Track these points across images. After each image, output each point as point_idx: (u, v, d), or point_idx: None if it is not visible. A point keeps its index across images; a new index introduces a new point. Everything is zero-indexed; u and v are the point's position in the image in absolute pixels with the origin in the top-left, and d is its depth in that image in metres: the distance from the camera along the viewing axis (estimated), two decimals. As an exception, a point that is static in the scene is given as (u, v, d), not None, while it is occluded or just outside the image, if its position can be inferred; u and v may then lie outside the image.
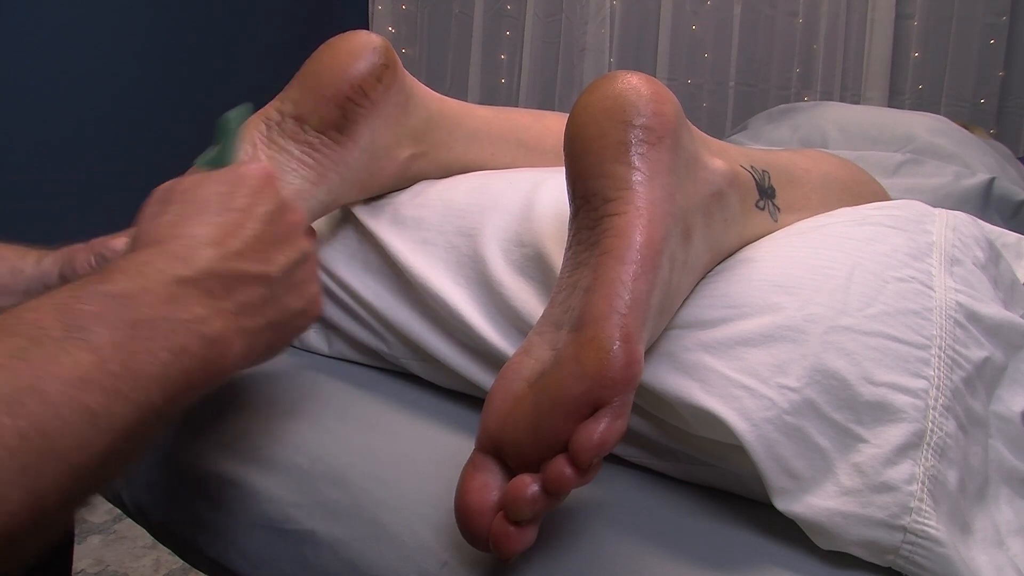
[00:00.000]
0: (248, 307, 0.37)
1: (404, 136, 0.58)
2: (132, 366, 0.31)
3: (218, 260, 0.36)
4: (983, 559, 0.39)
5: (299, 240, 0.42)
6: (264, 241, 0.39)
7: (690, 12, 2.14)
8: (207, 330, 0.34)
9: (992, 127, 1.87)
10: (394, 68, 0.55)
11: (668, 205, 0.39)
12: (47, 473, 0.27)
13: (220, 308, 0.36)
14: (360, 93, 0.53)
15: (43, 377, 0.28)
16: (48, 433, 0.27)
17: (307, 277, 0.43)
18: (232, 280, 0.37)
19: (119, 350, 0.30)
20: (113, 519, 1.43)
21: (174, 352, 0.32)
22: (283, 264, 0.40)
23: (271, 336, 0.40)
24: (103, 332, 0.30)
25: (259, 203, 0.40)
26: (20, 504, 0.27)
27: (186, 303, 0.34)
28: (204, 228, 0.37)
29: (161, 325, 0.32)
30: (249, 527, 0.47)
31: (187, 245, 0.36)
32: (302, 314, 0.42)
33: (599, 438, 0.34)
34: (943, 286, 0.46)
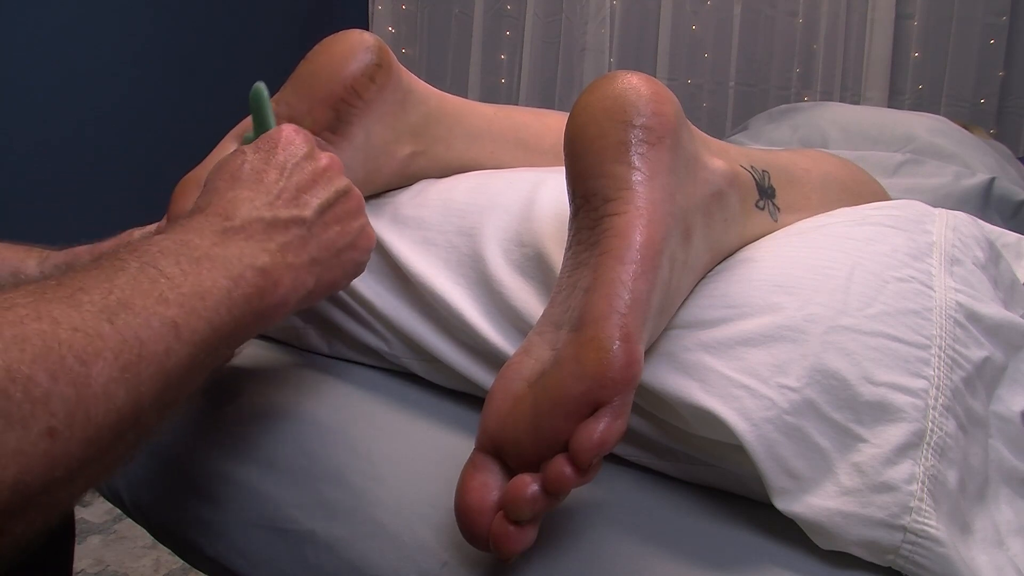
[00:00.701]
0: (289, 246, 0.42)
1: (403, 133, 0.58)
2: (200, 289, 0.35)
3: (254, 211, 0.41)
4: (983, 559, 0.39)
5: (331, 181, 0.46)
6: (293, 189, 0.44)
7: (690, 12, 2.14)
8: (256, 262, 0.39)
9: (992, 127, 1.87)
10: (388, 67, 0.55)
11: (668, 205, 0.39)
12: (144, 375, 0.31)
13: (264, 247, 0.40)
14: (353, 94, 0.53)
15: (130, 295, 0.32)
16: (142, 339, 0.32)
17: (347, 212, 0.46)
18: (270, 225, 0.41)
19: (187, 276, 0.35)
20: (113, 519, 1.43)
21: (232, 279, 0.37)
22: (317, 205, 0.44)
23: (319, 270, 0.44)
24: (171, 264, 0.35)
25: (287, 158, 0.45)
26: (124, 400, 0.30)
27: (235, 244, 0.39)
28: (236, 191, 0.42)
29: (218, 260, 0.37)
30: (249, 527, 0.47)
31: (224, 205, 0.41)
32: (351, 247, 0.46)
33: (599, 438, 0.34)
34: (943, 286, 0.46)
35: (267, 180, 0.43)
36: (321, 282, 0.44)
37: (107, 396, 0.30)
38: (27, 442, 0.27)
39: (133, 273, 0.34)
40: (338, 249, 0.45)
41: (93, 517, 1.43)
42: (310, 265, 0.43)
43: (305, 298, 0.43)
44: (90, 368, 0.29)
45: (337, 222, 0.45)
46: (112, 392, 0.30)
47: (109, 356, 0.30)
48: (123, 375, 0.30)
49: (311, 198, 0.44)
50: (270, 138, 0.46)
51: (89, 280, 0.32)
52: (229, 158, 0.45)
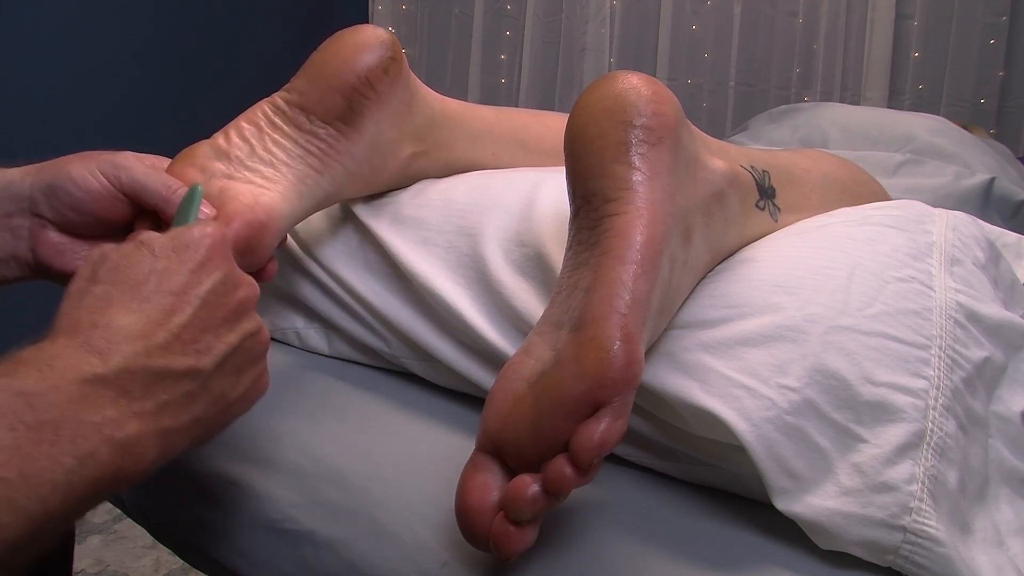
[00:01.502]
0: (171, 405, 0.34)
1: (407, 133, 0.58)
2: (30, 473, 0.28)
3: (139, 356, 0.33)
4: (983, 559, 0.39)
5: (243, 320, 0.38)
6: (200, 328, 0.36)
7: (690, 12, 2.14)
8: (119, 434, 0.31)
9: (992, 127, 1.87)
10: (400, 62, 0.55)
11: (668, 205, 0.39)
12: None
13: (137, 409, 0.32)
14: (367, 85, 0.53)
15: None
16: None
17: (249, 361, 0.39)
18: (154, 378, 0.33)
19: (16, 454, 0.28)
20: (113, 519, 1.43)
21: (80, 458, 0.29)
22: (221, 352, 0.36)
23: (199, 431, 0.36)
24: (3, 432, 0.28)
25: (200, 280, 0.36)
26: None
27: (98, 404, 0.31)
28: (128, 317, 0.34)
29: (68, 428, 0.29)
30: (249, 527, 0.47)
31: (105, 337, 0.33)
32: (240, 399, 0.39)
33: (599, 438, 0.34)
34: (943, 286, 0.46)
35: (170, 307, 0.35)
36: (197, 441, 0.37)
37: None
38: None
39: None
40: (228, 403, 0.38)
41: (93, 517, 1.43)
42: (190, 427, 0.35)
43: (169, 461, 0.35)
44: None
45: (236, 371, 0.38)
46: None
47: None
48: None
49: (216, 341, 0.36)
50: (190, 241, 0.37)
51: None
52: (134, 253, 0.36)
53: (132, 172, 0.47)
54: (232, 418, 0.39)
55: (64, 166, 0.49)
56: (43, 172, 0.50)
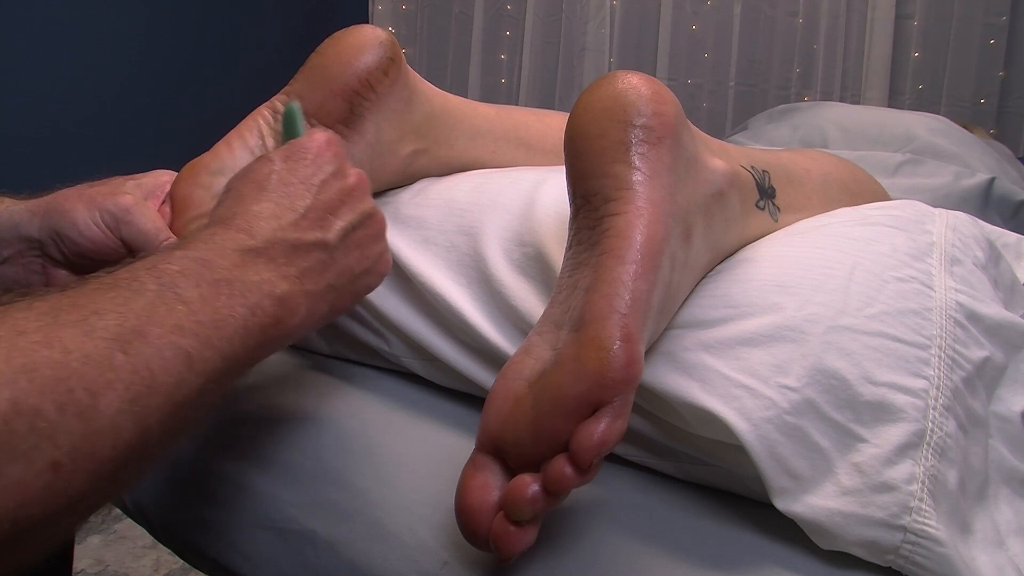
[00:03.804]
0: (310, 271, 0.40)
1: (407, 131, 0.58)
2: (217, 318, 0.34)
3: (277, 231, 0.40)
4: (983, 559, 0.39)
5: (358, 203, 0.44)
6: (320, 209, 0.42)
7: (690, 12, 2.14)
8: (275, 291, 0.38)
9: (992, 127, 1.88)
10: (399, 62, 0.55)
11: (668, 205, 0.39)
12: (152, 406, 0.30)
13: (284, 273, 0.39)
14: (367, 87, 0.53)
15: (146, 322, 0.31)
16: (153, 370, 0.31)
17: (370, 238, 0.45)
18: (292, 248, 0.40)
19: (205, 304, 0.34)
20: (113, 519, 1.43)
21: (250, 308, 0.36)
22: (341, 228, 0.42)
23: (334, 297, 0.42)
24: (191, 288, 0.34)
25: (315, 173, 0.43)
26: (131, 432, 0.30)
27: (255, 268, 0.38)
28: (262, 204, 0.40)
29: (237, 285, 0.36)
30: (249, 527, 0.47)
31: (247, 220, 0.39)
32: (367, 273, 0.45)
33: (599, 438, 0.34)
34: (943, 286, 0.46)
35: (293, 195, 0.41)
36: (334, 308, 0.43)
37: (114, 429, 0.29)
38: (30, 475, 0.26)
39: (151, 298, 0.32)
40: (356, 275, 0.44)
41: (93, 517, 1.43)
42: (326, 292, 0.42)
43: (318, 323, 0.42)
44: (99, 400, 0.28)
45: (358, 247, 0.44)
46: (119, 424, 0.29)
47: (119, 387, 0.29)
48: (132, 407, 0.30)
49: (337, 220, 0.42)
50: (301, 147, 0.44)
51: (105, 303, 0.31)
52: (257, 164, 0.43)
53: (132, 226, 0.48)
54: (362, 290, 0.45)
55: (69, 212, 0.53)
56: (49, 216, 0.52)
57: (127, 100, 1.96)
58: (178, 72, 2.07)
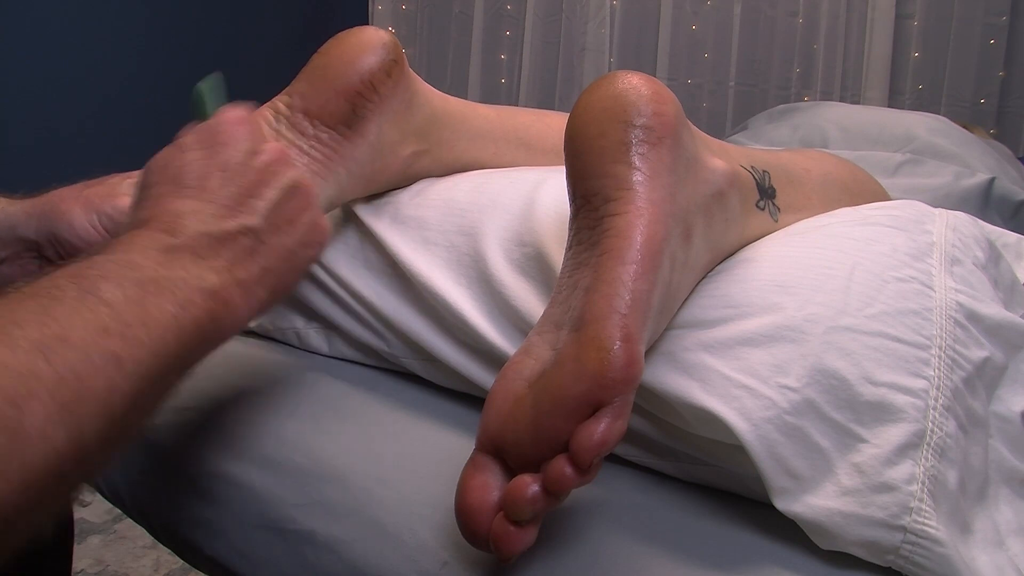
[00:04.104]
0: (238, 260, 0.39)
1: (408, 133, 0.58)
2: (145, 318, 0.33)
3: (199, 225, 0.39)
4: (983, 559, 0.39)
5: (278, 178, 0.43)
6: (239, 193, 0.41)
7: (690, 12, 2.14)
8: (204, 284, 0.37)
9: (992, 127, 1.88)
10: (402, 64, 0.55)
11: (669, 205, 0.39)
12: (85, 413, 0.30)
13: (212, 265, 0.38)
14: (370, 87, 0.53)
15: (68, 328, 0.30)
16: (81, 376, 0.30)
17: (297, 209, 0.44)
18: (216, 240, 0.39)
19: (131, 304, 0.33)
20: (113, 519, 1.43)
21: (180, 304, 0.35)
22: (264, 208, 0.42)
23: (272, 280, 0.42)
24: (114, 290, 0.33)
25: (231, 156, 0.42)
26: (65, 442, 0.29)
27: (180, 264, 0.37)
28: (180, 201, 0.39)
29: (164, 283, 0.35)
30: (249, 527, 0.47)
31: (168, 220, 0.38)
32: (303, 245, 0.44)
33: (599, 438, 0.34)
34: (943, 286, 0.46)
35: (211, 186, 0.40)
36: (275, 291, 0.42)
37: (43, 438, 0.28)
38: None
39: (71, 303, 0.31)
40: (291, 251, 0.43)
41: (93, 517, 1.43)
42: (262, 276, 0.41)
43: (259, 311, 0.41)
44: (23, 411, 0.27)
45: (287, 223, 0.43)
46: (49, 434, 0.28)
47: (44, 396, 0.28)
48: (61, 416, 0.29)
49: (257, 201, 0.41)
50: (212, 130, 0.43)
51: (23, 312, 0.30)
52: (169, 155, 0.42)
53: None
54: (302, 264, 0.44)
55: (66, 214, 0.53)
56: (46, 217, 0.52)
57: (127, 100, 1.96)
58: (178, 72, 2.07)
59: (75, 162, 1.88)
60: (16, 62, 1.72)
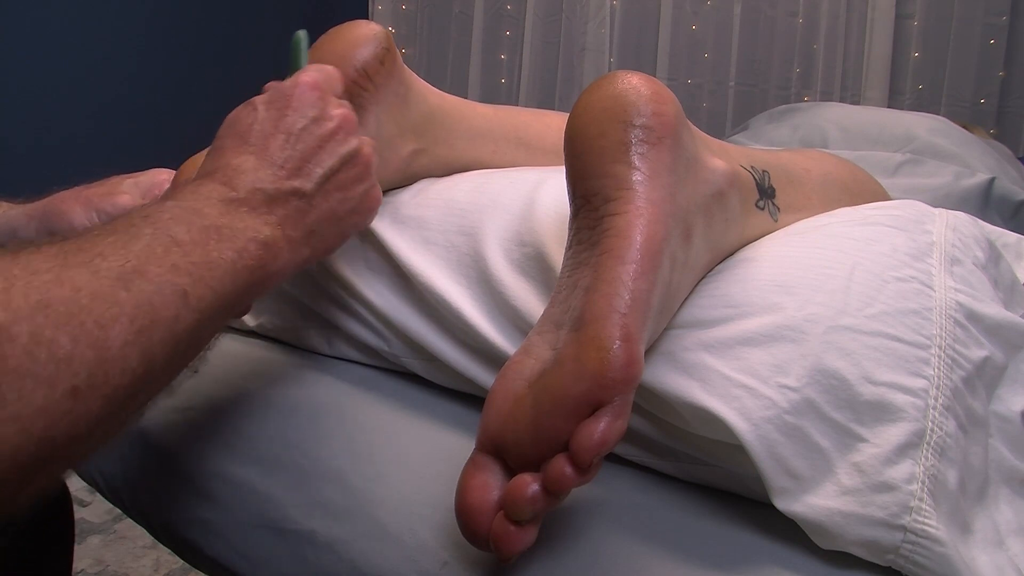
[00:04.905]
0: (289, 218, 0.43)
1: (406, 129, 0.58)
2: (208, 259, 0.37)
3: (256, 183, 0.42)
4: (983, 559, 0.39)
5: (339, 146, 0.46)
6: (299, 157, 0.44)
7: (690, 12, 2.14)
8: (259, 235, 0.40)
9: (992, 127, 1.88)
10: (394, 54, 0.56)
11: (668, 205, 0.39)
12: (155, 338, 0.33)
13: (266, 220, 0.41)
14: (365, 77, 0.53)
15: (145, 263, 0.34)
16: (154, 306, 0.33)
17: (352, 179, 0.46)
18: (270, 198, 0.42)
19: (197, 246, 0.37)
20: (113, 519, 1.43)
21: (237, 251, 0.38)
22: (319, 175, 0.44)
23: (316, 240, 0.45)
24: (183, 232, 0.37)
25: (296, 120, 0.45)
26: (138, 362, 0.32)
27: (238, 216, 0.40)
28: (240, 158, 0.43)
29: (225, 231, 0.39)
30: (249, 527, 0.47)
31: (227, 175, 0.42)
32: (353, 212, 0.47)
33: (599, 437, 0.34)
34: (943, 286, 0.46)
35: (273, 146, 0.43)
36: (317, 250, 0.45)
37: (123, 358, 0.31)
38: (52, 400, 0.29)
39: (147, 241, 0.35)
40: (339, 217, 0.46)
41: (93, 517, 1.43)
42: (308, 237, 0.44)
43: (301, 266, 0.44)
44: (108, 332, 0.31)
45: (339, 190, 0.46)
46: (127, 354, 0.32)
47: (125, 321, 0.32)
48: (137, 339, 0.32)
49: (314, 167, 0.44)
50: (283, 93, 0.46)
51: (107, 247, 0.34)
52: (240, 113, 0.45)
53: None
54: (349, 229, 0.48)
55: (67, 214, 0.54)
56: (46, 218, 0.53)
57: (127, 100, 1.96)
58: (178, 72, 2.07)
59: (75, 162, 1.88)
60: (16, 62, 1.72)
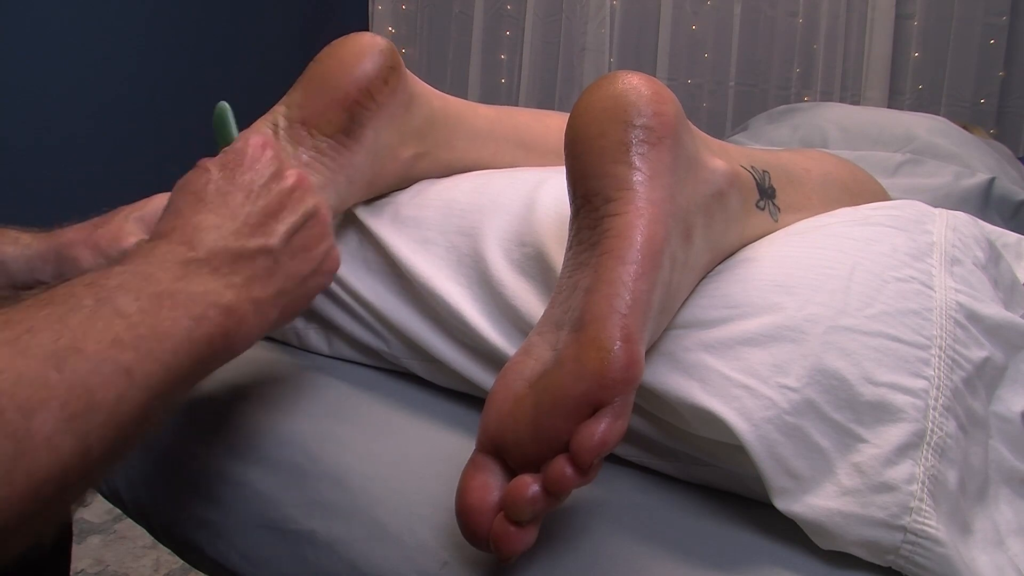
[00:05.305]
0: (256, 278, 0.40)
1: (407, 136, 0.58)
2: (159, 330, 0.33)
3: (219, 240, 0.39)
4: (983, 559, 0.39)
5: (299, 204, 0.44)
6: (261, 214, 0.42)
7: (690, 12, 2.14)
8: (221, 300, 0.37)
9: (992, 127, 1.88)
10: (399, 70, 0.55)
11: (669, 205, 0.39)
12: (93, 424, 0.30)
13: (230, 282, 0.38)
14: (367, 96, 0.53)
15: (82, 338, 0.31)
16: (91, 387, 0.30)
17: (314, 238, 0.45)
18: (236, 256, 0.39)
19: (145, 316, 0.33)
20: (113, 519, 1.43)
21: (194, 319, 0.35)
22: (284, 232, 0.42)
23: (285, 301, 0.42)
24: (130, 302, 0.33)
25: (254, 178, 0.43)
26: (71, 452, 0.29)
27: (198, 279, 0.37)
28: (201, 216, 0.40)
29: (180, 297, 0.35)
30: (249, 527, 0.47)
31: (187, 233, 0.39)
32: (316, 273, 0.45)
33: (600, 438, 0.34)
34: (943, 286, 0.46)
35: (233, 204, 0.41)
36: (284, 312, 0.43)
37: (50, 448, 0.28)
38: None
39: (87, 313, 0.32)
40: (304, 277, 0.44)
41: (93, 517, 1.43)
42: (275, 298, 0.41)
43: (267, 330, 0.42)
44: (32, 420, 0.28)
45: (303, 249, 0.44)
46: (56, 443, 0.28)
47: (55, 406, 0.29)
48: (70, 425, 0.29)
49: (278, 224, 0.42)
50: (236, 152, 0.44)
51: (39, 320, 0.30)
52: (192, 176, 0.43)
53: None
54: (313, 290, 0.45)
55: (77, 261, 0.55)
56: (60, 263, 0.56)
57: (127, 100, 1.96)
58: (178, 72, 2.07)
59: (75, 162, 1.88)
60: (16, 62, 1.72)
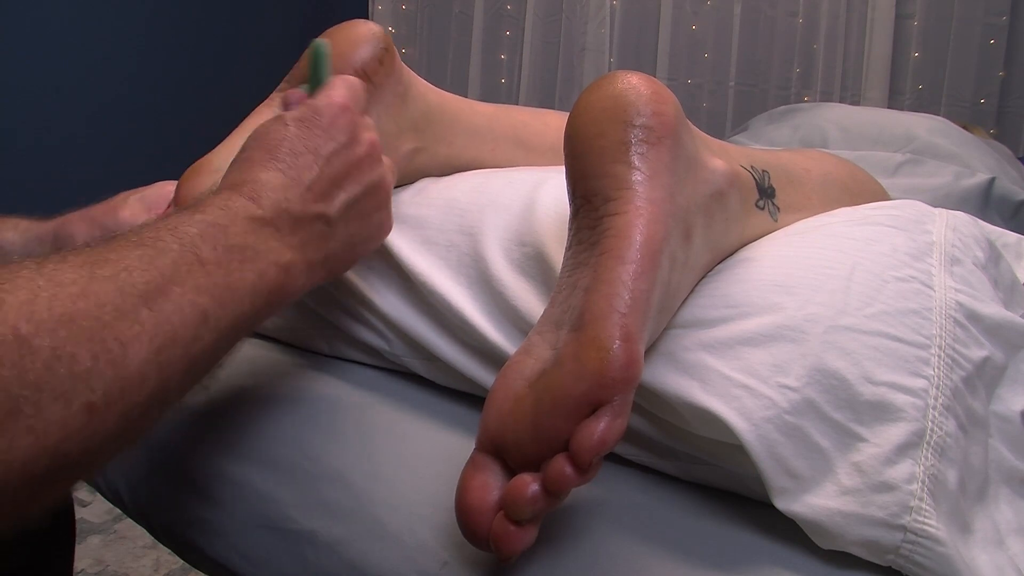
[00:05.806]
0: (310, 242, 0.43)
1: (405, 127, 0.58)
2: (230, 281, 0.37)
3: (282, 202, 0.41)
4: (983, 558, 0.39)
5: (365, 174, 0.46)
6: (325, 182, 0.44)
7: (690, 12, 2.14)
8: (281, 259, 0.40)
9: (992, 127, 1.88)
10: (393, 53, 0.56)
11: (668, 205, 0.39)
12: (173, 358, 0.34)
13: (288, 243, 0.41)
14: (365, 77, 0.53)
15: (169, 280, 0.34)
16: (174, 326, 0.34)
17: (373, 207, 0.47)
18: (295, 220, 0.42)
19: (220, 267, 0.37)
20: (113, 519, 1.43)
21: (258, 274, 0.39)
22: (343, 201, 0.44)
23: (332, 263, 0.45)
24: (208, 250, 0.37)
25: (326, 143, 0.44)
26: (154, 381, 0.33)
27: (263, 236, 0.40)
28: (268, 173, 0.42)
29: (248, 252, 0.39)
30: (249, 527, 0.47)
31: (256, 189, 0.41)
32: (367, 240, 0.48)
33: (599, 437, 0.34)
34: (943, 286, 0.46)
35: (301, 165, 0.43)
36: (331, 272, 0.46)
37: (140, 376, 0.32)
38: (68, 415, 0.29)
39: (173, 257, 0.35)
40: (353, 244, 0.46)
41: (93, 517, 1.43)
42: (325, 261, 0.44)
43: (312, 287, 0.44)
44: (128, 351, 0.31)
45: (359, 217, 0.46)
46: (145, 373, 0.32)
47: (145, 340, 0.32)
48: (156, 358, 0.33)
49: (340, 192, 0.44)
50: (316, 111, 0.45)
51: (133, 260, 0.34)
52: (270, 126, 0.44)
53: None
54: (361, 253, 0.48)
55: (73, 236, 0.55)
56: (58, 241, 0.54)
57: (127, 100, 1.96)
58: (178, 72, 2.07)
59: (75, 162, 1.88)
60: (16, 62, 1.72)
